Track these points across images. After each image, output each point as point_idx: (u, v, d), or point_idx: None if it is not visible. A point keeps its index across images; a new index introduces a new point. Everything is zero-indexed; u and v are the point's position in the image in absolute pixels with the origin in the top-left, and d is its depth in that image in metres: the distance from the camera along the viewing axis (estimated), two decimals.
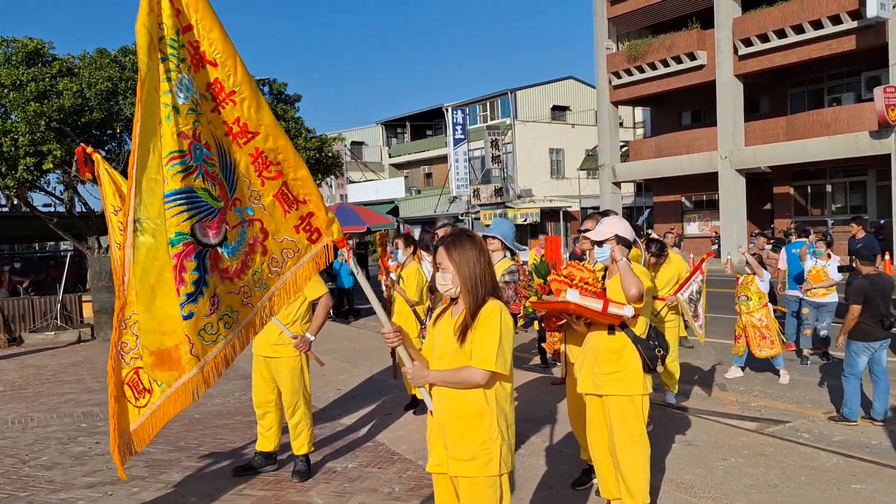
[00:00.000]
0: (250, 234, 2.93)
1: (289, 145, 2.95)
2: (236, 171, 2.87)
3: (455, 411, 2.76)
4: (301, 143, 15.43)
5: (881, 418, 6.41)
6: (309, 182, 3.03)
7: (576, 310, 3.46)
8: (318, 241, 3.08)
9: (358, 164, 43.65)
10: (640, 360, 3.61)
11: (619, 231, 3.70)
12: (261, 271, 2.96)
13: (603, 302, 3.46)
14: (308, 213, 3.04)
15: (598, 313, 3.46)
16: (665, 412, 6.10)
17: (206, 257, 2.75)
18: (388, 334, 2.85)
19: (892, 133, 20.20)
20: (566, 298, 3.43)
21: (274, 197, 2.96)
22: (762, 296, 7.87)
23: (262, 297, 2.98)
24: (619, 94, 28.59)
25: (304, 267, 3.06)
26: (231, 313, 2.86)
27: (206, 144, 2.75)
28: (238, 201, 2.89)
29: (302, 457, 4.96)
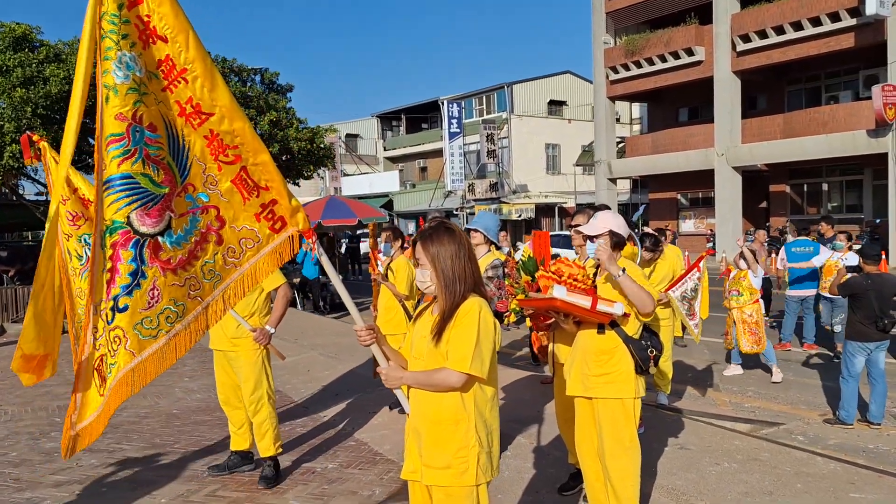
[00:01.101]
0: (204, 221, 2.72)
1: (247, 128, 2.75)
2: (190, 155, 2.67)
3: (430, 416, 2.57)
4: (292, 134, 15.21)
5: (878, 422, 6.26)
6: (271, 167, 2.82)
7: (563, 307, 3.27)
8: (282, 230, 2.87)
9: (352, 156, 43.39)
10: (632, 362, 3.42)
11: (612, 226, 3.50)
12: (213, 262, 2.75)
13: (592, 299, 3.26)
14: (271, 201, 2.83)
15: (587, 311, 3.27)
16: (657, 414, 5.92)
17: (143, 247, 2.55)
18: (360, 332, 2.66)
19: (889, 132, 20.07)
20: (553, 295, 3.23)
21: (232, 183, 2.76)
22: (754, 291, 7.74)
23: (213, 291, 2.76)
24: (616, 89, 28.39)
25: (265, 258, 2.85)
26: (174, 307, 2.65)
27: (151, 126, 2.55)
28: (191, 187, 2.69)
29: (269, 460, 4.70)
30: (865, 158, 21.82)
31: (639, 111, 36.86)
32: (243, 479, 4.79)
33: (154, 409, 6.86)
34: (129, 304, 2.54)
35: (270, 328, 4.64)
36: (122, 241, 2.51)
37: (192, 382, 8.04)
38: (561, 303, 3.23)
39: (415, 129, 46.13)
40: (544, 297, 3.32)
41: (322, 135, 16.21)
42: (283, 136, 15.03)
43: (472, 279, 2.61)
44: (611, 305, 3.29)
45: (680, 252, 10.10)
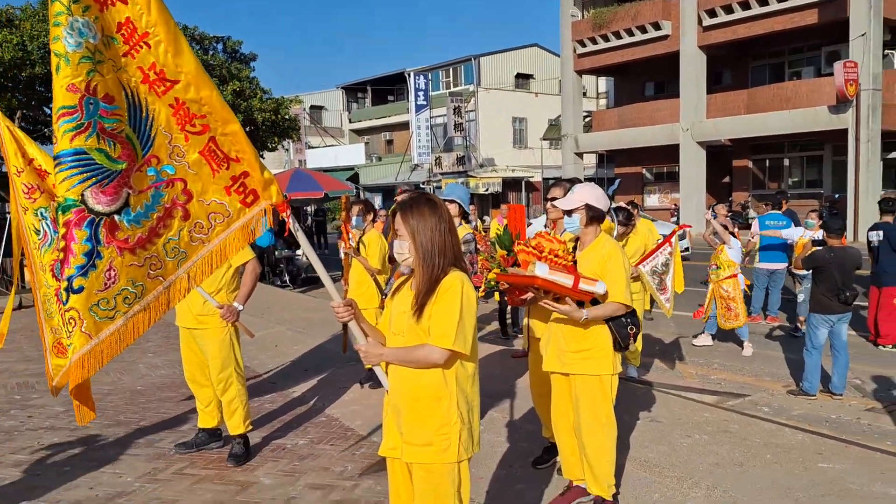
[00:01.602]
0: (168, 196, 2.58)
1: (216, 96, 2.60)
2: (154, 125, 2.52)
3: (410, 393, 2.51)
4: (256, 105, 14.88)
5: (840, 392, 6.40)
6: (241, 138, 2.68)
7: (543, 285, 3.21)
8: (254, 204, 2.73)
9: (317, 128, 42.71)
10: (611, 338, 3.40)
11: (590, 199, 3.44)
12: (177, 239, 2.62)
13: (573, 277, 3.21)
14: (242, 173, 2.69)
15: (568, 290, 3.22)
16: (627, 387, 5.95)
17: (99, 227, 2.41)
18: (337, 308, 2.58)
19: (849, 108, 20.43)
20: (534, 273, 3.17)
21: (200, 154, 2.61)
22: (731, 265, 7.81)
23: (177, 269, 2.63)
24: (584, 62, 28.35)
25: (236, 234, 2.72)
26: (133, 287, 2.52)
27: (107, 97, 2.39)
28: (155, 159, 2.54)
29: (238, 437, 4.61)
30: (826, 134, 22.21)
31: (605, 85, 36.90)
32: (212, 456, 4.70)
33: (117, 386, 6.69)
34: (84, 286, 2.41)
35: (238, 305, 4.51)
36: (76, 220, 2.37)
37: (156, 358, 7.87)
38: (542, 281, 3.18)
39: (381, 101, 45.56)
40: (524, 273, 3.26)
41: (287, 106, 15.89)
42: (246, 106, 14.70)
43: (452, 253, 2.54)
44: (593, 284, 3.24)
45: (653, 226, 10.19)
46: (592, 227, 3.48)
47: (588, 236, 3.51)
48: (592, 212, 3.44)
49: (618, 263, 3.36)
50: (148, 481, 4.31)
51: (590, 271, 3.38)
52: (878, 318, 8.09)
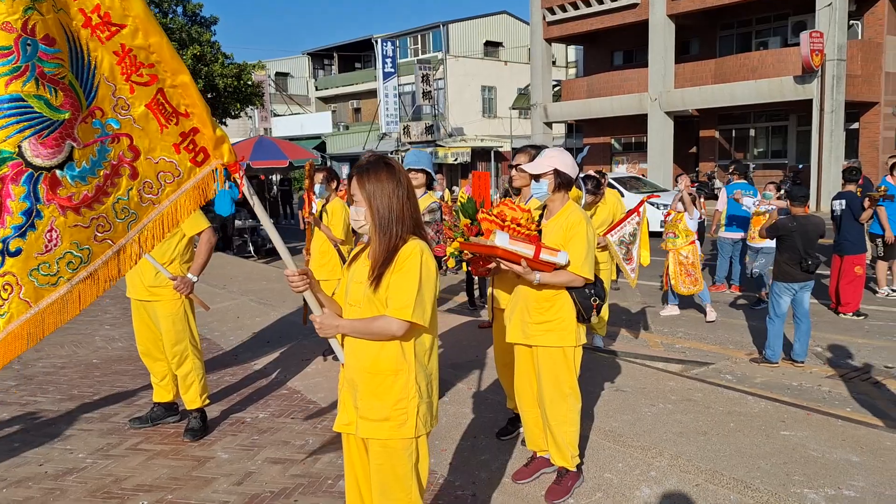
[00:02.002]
0: (114, 152, 2.37)
1: (165, 44, 2.39)
2: (97, 74, 2.29)
3: (367, 367, 2.40)
4: (217, 70, 14.44)
5: (801, 360, 6.48)
6: (192, 91, 2.48)
7: (504, 255, 3.11)
8: (204, 163, 2.54)
9: (282, 96, 41.89)
10: (574, 310, 3.31)
11: (558, 165, 3.33)
12: (127, 199, 2.41)
13: (535, 247, 3.11)
14: (191, 129, 2.49)
15: (529, 260, 3.13)
16: (593, 356, 5.94)
17: (38, 182, 2.19)
18: (292, 277, 2.44)
19: (814, 78, 20.57)
20: (494, 243, 3.07)
21: (147, 107, 2.41)
22: (689, 233, 7.85)
23: (127, 232, 2.44)
24: (553, 31, 28.08)
25: (187, 195, 2.52)
26: (77, 251, 2.32)
27: (47, 39, 2.15)
28: (99, 111, 2.32)
29: (195, 412, 4.48)
30: (791, 105, 22.38)
31: (575, 54, 36.70)
32: (168, 431, 4.56)
33: (72, 359, 6.48)
34: (22, 248, 2.20)
35: (193, 276, 4.32)
36: (13, 174, 2.15)
37: (113, 331, 7.65)
38: (502, 251, 3.08)
39: (348, 68, 44.76)
40: (485, 243, 3.15)
41: (249, 71, 15.45)
42: (207, 72, 14.26)
43: (411, 220, 2.42)
44: (554, 255, 3.15)
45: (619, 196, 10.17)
46: (560, 194, 3.37)
47: (555, 204, 3.40)
48: (561, 178, 3.33)
49: (581, 234, 3.26)
50: (101, 457, 4.17)
51: (554, 241, 3.28)
52: (840, 287, 8.19)
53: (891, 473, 3.61)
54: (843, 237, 8.22)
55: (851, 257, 8.09)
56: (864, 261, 8.14)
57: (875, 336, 7.29)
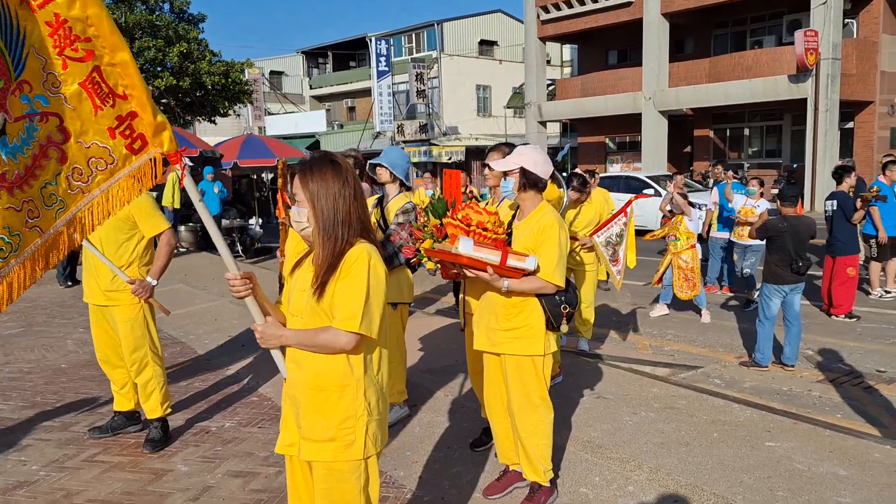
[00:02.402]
0: (43, 132, 2.17)
1: (105, 16, 2.17)
2: (26, 45, 2.09)
3: (311, 382, 2.21)
4: (205, 68, 14.24)
5: (791, 363, 6.31)
6: (132, 71, 2.26)
7: (468, 263, 2.93)
8: (141, 151, 2.34)
9: (276, 94, 41.63)
10: (543, 317, 3.13)
11: (527, 163, 3.14)
12: (55, 184, 2.21)
13: (501, 254, 2.92)
14: (129, 113, 2.29)
15: (496, 267, 2.95)
16: (576, 361, 5.76)
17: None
18: (233, 281, 2.26)
19: (809, 77, 20.43)
20: (458, 250, 2.88)
21: (80, 86, 2.20)
22: (690, 236, 7.67)
23: (55, 221, 2.23)
24: (547, 29, 27.92)
25: (121, 184, 2.32)
26: (9, 237, 2.11)
27: None
28: (27, 86, 2.12)
29: (156, 421, 4.28)
30: (785, 104, 22.24)
31: (570, 53, 36.55)
32: (128, 441, 4.37)
33: (40, 364, 6.28)
34: None
35: (152, 280, 4.13)
36: None
37: (87, 334, 7.40)
38: (466, 259, 2.90)
39: (342, 66, 44.55)
40: (449, 249, 2.96)
41: (238, 69, 15.22)
42: (194, 69, 14.05)
43: (358, 222, 2.23)
44: (522, 260, 2.96)
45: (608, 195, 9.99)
46: (530, 194, 3.19)
47: (527, 204, 3.22)
48: (527, 177, 3.14)
49: (552, 238, 3.07)
50: (55, 469, 3.97)
51: (524, 244, 3.10)
52: (832, 288, 8.03)
53: (879, 488, 3.44)
54: (835, 238, 8.05)
55: (844, 258, 7.93)
56: (857, 262, 7.97)
57: (867, 339, 7.13)
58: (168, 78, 13.68)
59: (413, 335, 6.61)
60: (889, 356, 6.55)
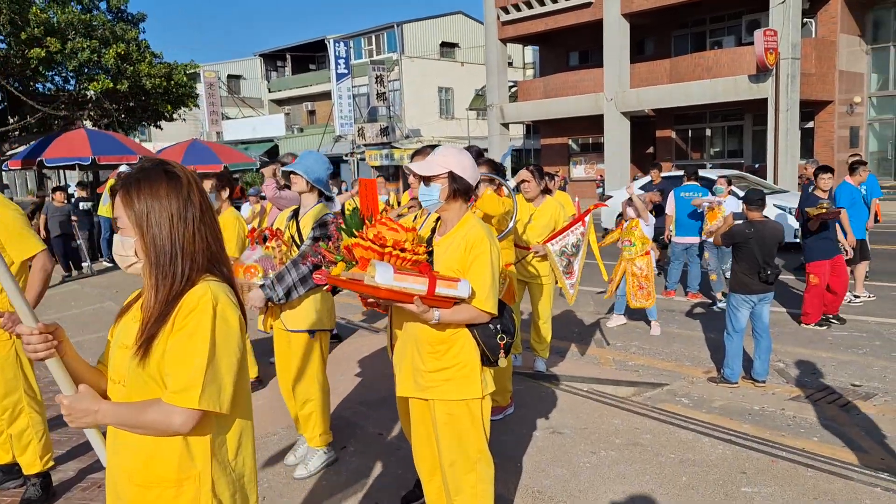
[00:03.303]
0: None
1: None
2: None
3: (138, 475, 1.62)
4: (144, 70, 13.43)
5: (762, 379, 5.88)
6: None
7: (388, 297, 2.38)
8: None
9: (234, 98, 40.66)
10: (478, 352, 2.58)
11: (454, 167, 2.59)
12: None
13: (428, 281, 2.37)
14: None
15: (423, 297, 2.40)
16: (530, 387, 5.21)
17: None
18: (27, 337, 1.66)
19: (769, 77, 20.32)
20: (375, 280, 2.32)
21: None
22: (646, 241, 7.21)
23: None
24: (508, 30, 27.51)
25: None
26: None
27: None
28: None
29: (35, 477, 3.64)
30: (746, 104, 22.15)
31: (532, 56, 36.27)
32: (4, 499, 3.71)
33: None
34: None
35: None
36: None
37: None
38: (386, 291, 2.32)
39: (301, 69, 43.68)
40: (362, 279, 2.38)
41: (181, 71, 14.45)
42: (133, 71, 13.25)
43: (205, 255, 1.65)
44: (454, 286, 2.40)
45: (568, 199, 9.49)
46: (457, 203, 2.63)
47: (451, 215, 2.66)
48: (458, 183, 2.59)
49: (483, 257, 2.52)
50: None
51: (450, 263, 2.54)
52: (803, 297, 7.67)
53: None
54: (804, 242, 7.73)
55: (808, 265, 7.58)
56: (822, 269, 7.54)
57: (840, 349, 6.74)
58: (104, 81, 12.89)
59: (348, 361, 6.02)
60: (862, 367, 6.17)
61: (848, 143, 22.65)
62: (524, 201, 5.46)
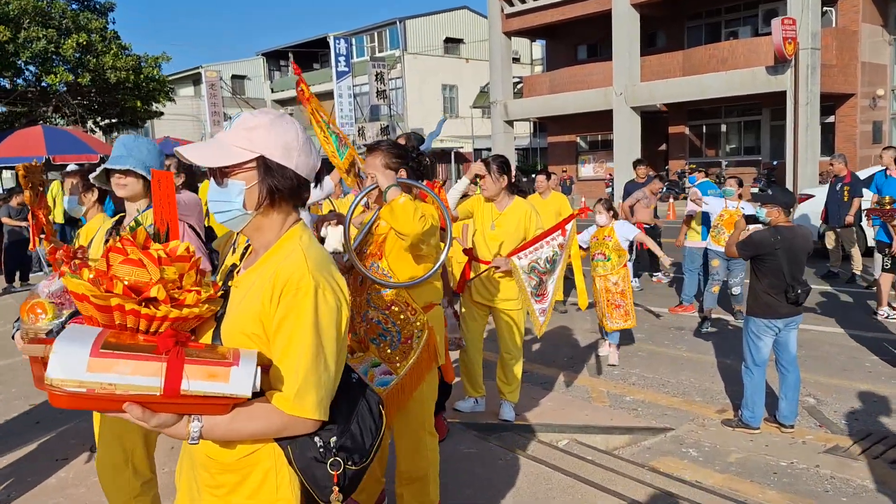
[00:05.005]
0: None
1: None
2: None
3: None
4: (109, 62, 12.42)
5: (789, 423, 4.76)
6: None
7: (76, 404, 1.20)
8: None
9: (236, 99, 39.82)
10: (294, 488, 1.43)
11: (267, 147, 1.47)
12: None
13: (165, 368, 1.22)
14: None
15: (160, 402, 1.23)
16: (482, 453, 4.01)
17: None
18: None
19: (788, 68, 19.07)
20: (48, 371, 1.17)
21: None
22: (622, 254, 6.01)
23: None
24: (512, 23, 26.36)
25: None
26: None
27: None
28: None
29: None
30: (764, 98, 20.95)
31: (540, 52, 35.09)
32: None
33: None
34: None
35: None
36: None
37: None
38: (68, 399, 1.19)
39: (305, 68, 42.73)
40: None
41: (151, 63, 13.43)
42: (96, 64, 12.23)
43: None
44: (218, 376, 1.20)
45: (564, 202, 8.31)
46: (274, 214, 1.53)
47: (263, 235, 1.54)
48: (274, 178, 1.48)
49: (302, 316, 1.38)
50: None
51: (240, 323, 1.41)
52: None
53: None
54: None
55: None
56: None
57: (880, 380, 5.62)
58: (63, 73, 11.86)
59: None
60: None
61: (871, 139, 21.37)
62: (482, 203, 4.33)
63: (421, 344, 2.76)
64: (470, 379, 4.51)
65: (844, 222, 9.00)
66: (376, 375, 2.76)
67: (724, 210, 7.24)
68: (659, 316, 7.99)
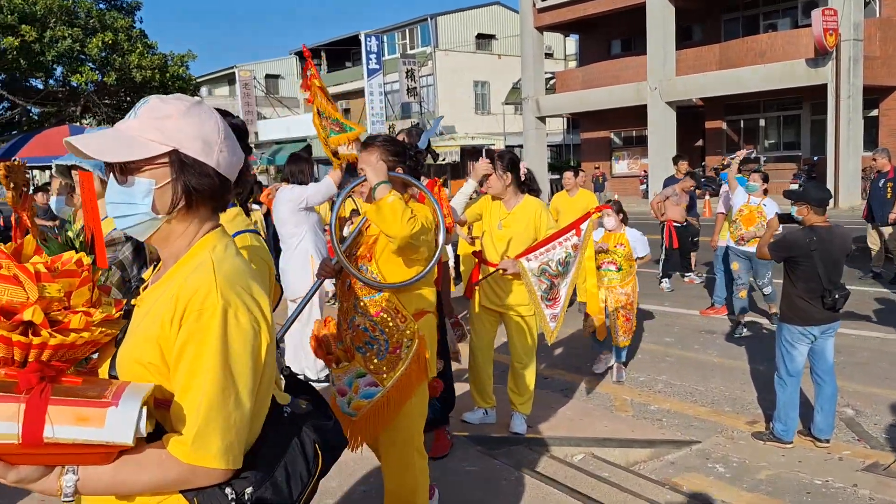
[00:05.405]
0: None
1: None
2: None
3: None
4: (134, 61, 12.44)
5: (825, 437, 4.43)
6: None
7: None
8: None
9: (269, 98, 40.17)
10: None
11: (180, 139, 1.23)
12: None
13: (23, 408, 1.00)
14: None
15: (16, 451, 1.02)
16: (487, 470, 3.77)
17: None
18: None
19: (828, 61, 18.40)
20: None
21: None
22: (633, 263, 5.59)
23: None
24: (544, 18, 25.96)
25: None
26: None
27: None
28: None
29: None
30: (804, 92, 20.26)
31: (574, 47, 34.59)
32: None
33: None
34: None
35: None
36: None
37: None
38: None
39: (337, 67, 42.89)
40: None
41: (178, 63, 13.45)
42: (122, 63, 12.27)
43: None
44: (88, 419, 0.97)
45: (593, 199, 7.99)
46: (191, 219, 1.29)
47: (175, 243, 1.30)
48: (188, 175, 1.25)
49: (207, 342, 1.15)
50: None
51: (137, 350, 1.19)
52: None
53: None
54: None
55: None
56: None
57: None
58: (89, 72, 11.94)
59: None
60: None
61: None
62: (490, 202, 4.07)
63: (410, 354, 2.55)
64: (478, 388, 4.26)
65: (888, 220, 8.63)
66: (361, 387, 2.56)
67: (744, 205, 6.88)
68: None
